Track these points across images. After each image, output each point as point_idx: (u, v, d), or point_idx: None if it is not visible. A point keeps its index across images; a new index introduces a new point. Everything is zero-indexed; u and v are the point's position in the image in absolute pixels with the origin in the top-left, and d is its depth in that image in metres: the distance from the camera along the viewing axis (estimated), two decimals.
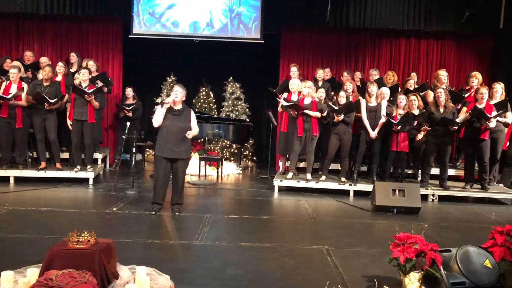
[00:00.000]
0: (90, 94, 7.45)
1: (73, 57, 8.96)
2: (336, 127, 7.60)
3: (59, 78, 8.08)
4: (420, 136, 7.69)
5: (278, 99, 8.17)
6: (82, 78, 7.57)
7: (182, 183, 6.09)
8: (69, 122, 7.63)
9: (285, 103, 7.72)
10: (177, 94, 5.82)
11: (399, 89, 8.50)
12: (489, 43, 9.92)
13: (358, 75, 9.07)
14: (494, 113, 7.16)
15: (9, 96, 7.28)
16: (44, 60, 8.64)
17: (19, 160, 7.68)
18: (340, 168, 7.98)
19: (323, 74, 8.76)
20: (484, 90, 7.30)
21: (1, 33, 9.73)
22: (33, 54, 9.03)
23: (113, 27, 9.94)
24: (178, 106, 5.89)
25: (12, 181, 7.54)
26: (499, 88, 7.52)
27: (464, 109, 7.56)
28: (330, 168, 8.00)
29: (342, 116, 7.48)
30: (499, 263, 3.89)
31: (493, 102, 7.40)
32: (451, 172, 8.18)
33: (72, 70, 8.69)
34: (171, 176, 6.10)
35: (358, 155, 7.81)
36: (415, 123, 7.50)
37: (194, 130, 5.94)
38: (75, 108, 7.54)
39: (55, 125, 7.65)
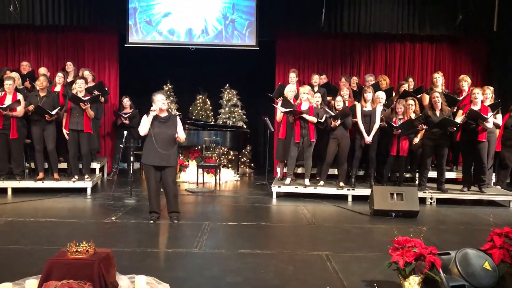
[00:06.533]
0: (86, 102, 7.46)
1: (70, 66, 8.96)
2: (334, 132, 7.61)
3: (58, 88, 8.11)
4: (416, 140, 7.71)
5: (275, 105, 8.18)
6: (78, 88, 7.58)
7: (175, 191, 6.07)
8: (65, 132, 7.62)
9: (283, 109, 7.73)
10: (163, 102, 5.86)
11: (394, 93, 8.54)
12: (483, 46, 9.98)
13: (355, 80, 9.11)
14: (490, 113, 7.22)
15: (4, 106, 7.27)
16: (42, 71, 8.64)
17: (16, 171, 7.65)
18: (337, 173, 7.99)
19: (318, 79, 8.79)
20: (477, 91, 7.39)
21: None
22: (30, 64, 9.04)
23: (109, 37, 9.96)
24: (164, 114, 5.95)
25: (9, 192, 7.52)
26: (489, 93, 7.65)
27: (461, 111, 7.59)
28: (328, 173, 8.00)
29: (339, 122, 7.51)
30: (498, 265, 3.89)
31: (486, 104, 7.47)
32: (451, 175, 8.20)
33: (69, 79, 8.69)
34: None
35: (354, 159, 7.82)
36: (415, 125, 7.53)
37: (181, 135, 5.99)
38: (71, 118, 7.54)
39: (54, 135, 7.64)
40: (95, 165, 8.64)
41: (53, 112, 7.40)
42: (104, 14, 9.53)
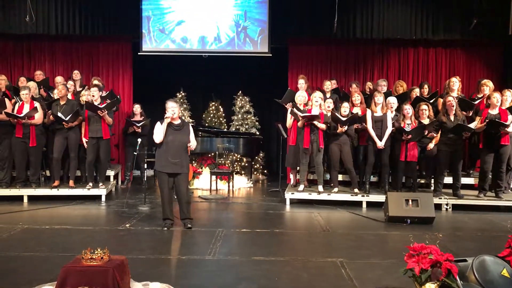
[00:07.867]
0: (103, 109, 7.53)
1: (77, 75, 9.05)
2: (339, 138, 7.58)
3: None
4: (431, 145, 7.64)
5: (288, 107, 8.13)
6: (92, 97, 7.65)
7: (187, 198, 6.12)
8: (84, 140, 7.69)
9: (300, 113, 7.64)
10: (174, 110, 5.90)
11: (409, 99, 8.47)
12: (498, 50, 9.87)
13: (369, 85, 9.06)
14: (510, 116, 7.15)
15: (22, 115, 7.38)
16: (59, 80, 8.75)
17: (32, 179, 7.74)
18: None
19: (330, 85, 8.77)
20: (496, 95, 7.31)
21: (13, 54, 9.93)
22: (44, 73, 9.17)
23: (123, 45, 10.08)
24: (177, 121, 6.00)
25: (25, 199, 7.61)
26: (509, 95, 7.52)
27: (479, 118, 7.48)
28: (342, 179, 7.95)
29: (346, 127, 7.47)
30: None
31: (503, 108, 7.37)
32: (467, 180, 8.09)
33: (77, 88, 8.79)
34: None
35: (367, 166, 7.75)
36: (426, 132, 7.47)
37: (192, 143, 6.06)
38: (90, 126, 7.61)
39: (77, 142, 7.70)
40: (110, 173, 8.70)
41: (67, 118, 7.46)
42: (118, 23, 9.66)
